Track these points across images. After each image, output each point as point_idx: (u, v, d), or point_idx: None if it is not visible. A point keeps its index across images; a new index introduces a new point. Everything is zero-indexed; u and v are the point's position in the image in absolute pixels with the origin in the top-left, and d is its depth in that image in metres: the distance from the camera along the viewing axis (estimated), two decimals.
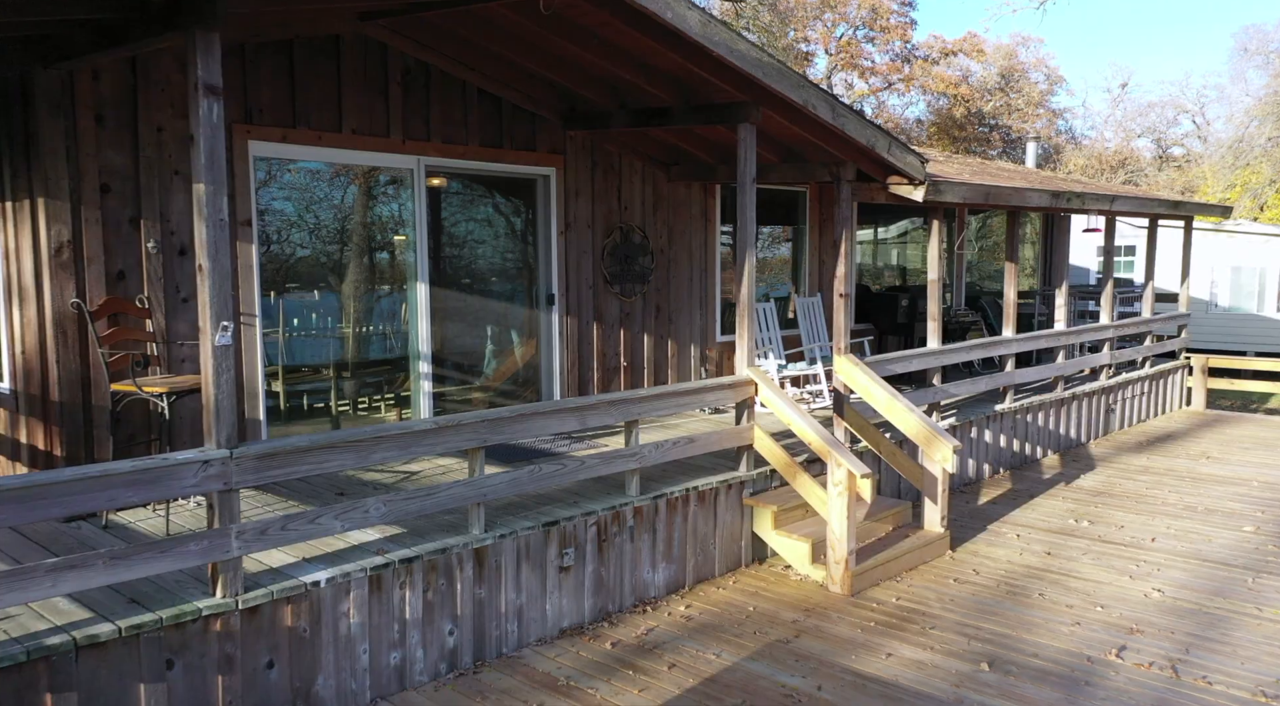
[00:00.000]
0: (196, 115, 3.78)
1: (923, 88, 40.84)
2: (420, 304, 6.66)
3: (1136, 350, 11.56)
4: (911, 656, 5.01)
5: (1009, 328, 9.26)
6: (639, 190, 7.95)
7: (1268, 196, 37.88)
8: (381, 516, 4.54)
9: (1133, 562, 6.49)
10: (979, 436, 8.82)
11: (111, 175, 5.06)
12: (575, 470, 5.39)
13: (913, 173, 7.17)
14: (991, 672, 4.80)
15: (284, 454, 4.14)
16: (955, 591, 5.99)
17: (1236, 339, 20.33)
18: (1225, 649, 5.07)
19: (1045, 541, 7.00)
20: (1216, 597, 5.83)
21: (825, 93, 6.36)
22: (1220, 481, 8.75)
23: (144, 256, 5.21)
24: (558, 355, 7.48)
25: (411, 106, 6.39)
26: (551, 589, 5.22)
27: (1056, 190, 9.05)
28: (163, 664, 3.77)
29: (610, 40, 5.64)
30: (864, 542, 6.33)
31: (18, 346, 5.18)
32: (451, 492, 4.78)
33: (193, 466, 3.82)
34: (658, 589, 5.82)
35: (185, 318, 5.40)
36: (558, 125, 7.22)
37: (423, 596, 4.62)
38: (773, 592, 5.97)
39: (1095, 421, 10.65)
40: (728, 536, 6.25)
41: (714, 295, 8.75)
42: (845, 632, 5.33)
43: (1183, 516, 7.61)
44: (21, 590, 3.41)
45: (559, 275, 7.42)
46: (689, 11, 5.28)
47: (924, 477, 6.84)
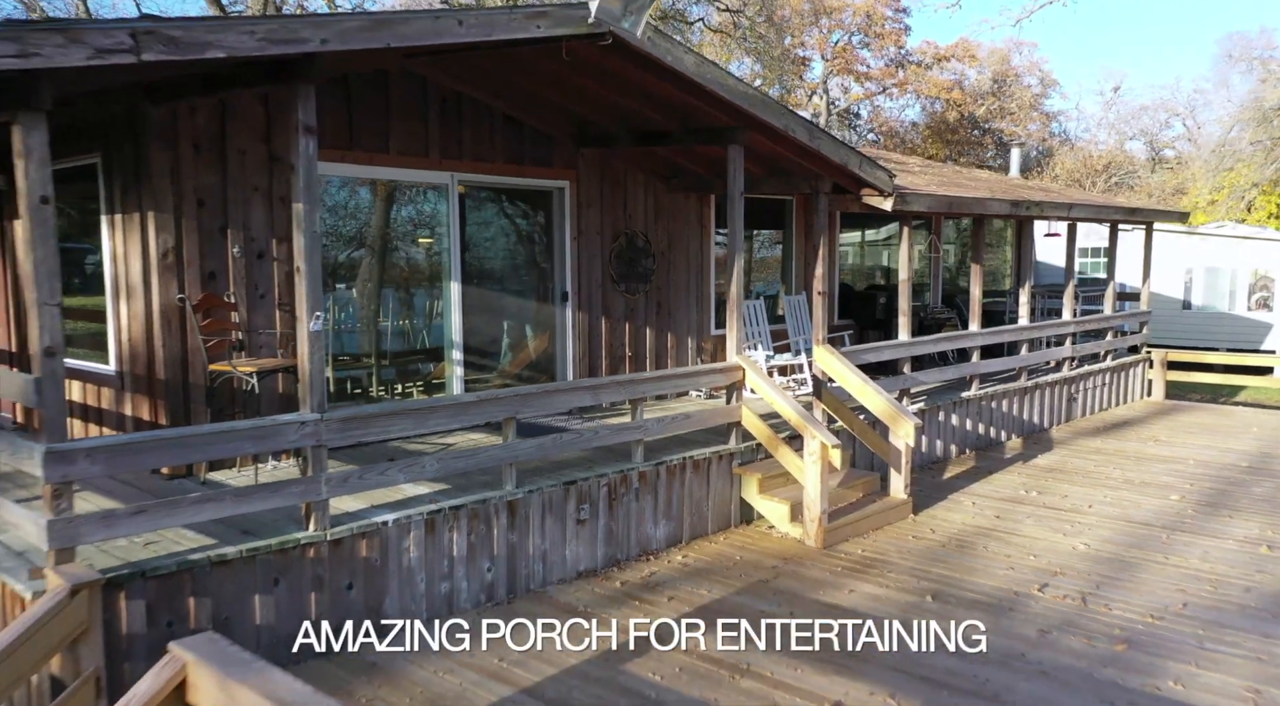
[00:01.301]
0: (297, 149, 4.80)
1: (916, 92, 41.87)
2: (453, 300, 7.69)
3: (1098, 344, 12.60)
4: (870, 592, 6.05)
5: (975, 322, 10.30)
6: (642, 200, 8.98)
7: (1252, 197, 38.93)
8: (435, 471, 5.58)
9: (1068, 524, 7.52)
10: (946, 420, 9.85)
11: (205, 192, 6.10)
12: (590, 439, 6.43)
13: (881, 186, 8.21)
14: (934, 603, 5.83)
15: (361, 418, 5.18)
16: (913, 545, 7.03)
17: (1210, 337, 21.32)
18: (1129, 586, 6.11)
19: (996, 507, 8.04)
20: (1133, 549, 6.87)
21: (803, 119, 7.40)
22: (1161, 460, 9.78)
23: (230, 259, 6.25)
24: (571, 345, 8.51)
25: (447, 130, 7.43)
26: (570, 538, 6.25)
27: (1016, 199, 10.10)
28: (271, 580, 4.80)
29: (619, 76, 6.67)
30: (836, 506, 7.36)
31: (124, 334, 6.20)
32: (490, 454, 5.82)
33: (294, 425, 4.86)
34: (659, 542, 6.85)
35: (263, 311, 6.43)
36: (571, 145, 8.25)
37: (466, 538, 5.66)
38: (757, 546, 7.00)
39: (1058, 408, 11.68)
40: (719, 500, 7.29)
41: (709, 293, 9.78)
42: (816, 575, 6.36)
43: (1121, 488, 8.64)
44: (173, 515, 4.45)
45: (572, 275, 8.45)
46: (686, 55, 6.32)
47: (890, 452, 7.88)
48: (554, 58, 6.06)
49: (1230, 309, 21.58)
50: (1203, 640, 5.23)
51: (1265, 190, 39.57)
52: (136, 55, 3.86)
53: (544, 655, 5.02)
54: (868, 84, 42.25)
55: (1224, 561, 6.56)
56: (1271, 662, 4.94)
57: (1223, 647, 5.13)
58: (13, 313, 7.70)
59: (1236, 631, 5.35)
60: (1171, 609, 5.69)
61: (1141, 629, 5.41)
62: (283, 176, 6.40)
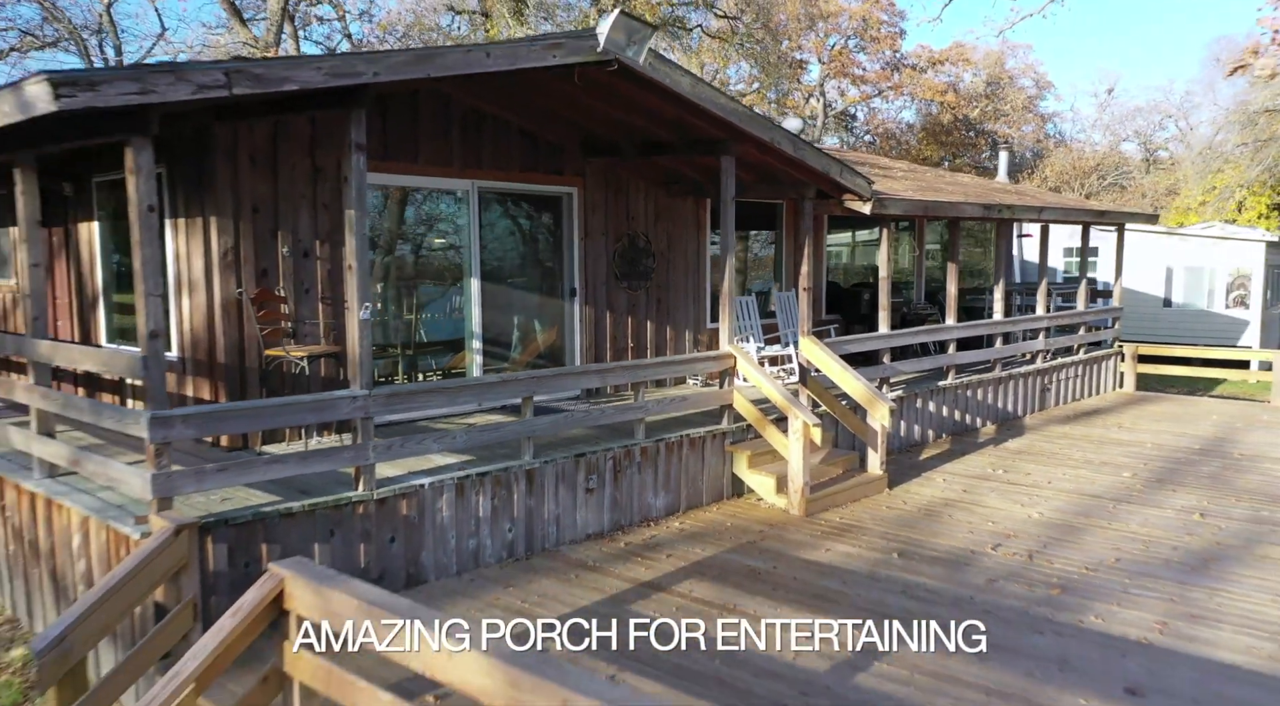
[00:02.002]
0: (350, 163, 5.64)
1: (911, 95, 42.69)
2: (473, 296, 8.52)
3: (1071, 338, 13.43)
4: (844, 550, 6.88)
5: (951, 317, 11.13)
6: (643, 204, 9.80)
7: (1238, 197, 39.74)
8: (464, 443, 6.42)
9: (1027, 496, 8.36)
10: (924, 407, 10.68)
11: (259, 200, 6.92)
12: (598, 417, 7.27)
13: (861, 191, 9.04)
14: (899, 559, 6.66)
15: (401, 394, 6.02)
16: (885, 514, 7.87)
17: (1190, 333, 22.12)
18: (1073, 546, 6.95)
19: (964, 483, 8.87)
20: (1080, 517, 7.70)
21: (787, 132, 8.22)
22: (1122, 444, 10.61)
23: (280, 258, 7.07)
24: (578, 337, 9.34)
25: (468, 142, 8.26)
26: (580, 504, 7.08)
27: (989, 202, 10.93)
28: (328, 532, 5.63)
29: (623, 95, 7.50)
30: (818, 480, 8.19)
31: (185, 325, 7.03)
32: (511, 428, 6.66)
33: (346, 400, 5.69)
34: (658, 510, 7.69)
35: (308, 304, 7.26)
36: (579, 155, 9.07)
37: (490, 502, 6.49)
38: (746, 515, 7.84)
39: (1032, 398, 12.52)
40: (712, 474, 8.12)
41: (705, 289, 10.60)
42: (798, 538, 7.20)
43: (1080, 467, 9.48)
44: (250, 473, 5.29)
45: (579, 273, 9.27)
46: (682, 78, 7.15)
47: (868, 432, 8.71)
48: (566, 80, 6.90)
49: (1209, 307, 22.39)
50: (1127, 587, 6.06)
51: (1255, 190, 40.41)
52: (229, 90, 4.69)
53: (560, 598, 5.85)
54: (864, 87, 43.08)
55: (1159, 526, 7.40)
56: (1182, 603, 5.77)
57: (1143, 592, 5.96)
58: (75, 306, 8.52)
59: (1158, 580, 6.19)
60: (1105, 563, 6.52)
61: (1076, 578, 6.24)
62: (325, 186, 7.23)
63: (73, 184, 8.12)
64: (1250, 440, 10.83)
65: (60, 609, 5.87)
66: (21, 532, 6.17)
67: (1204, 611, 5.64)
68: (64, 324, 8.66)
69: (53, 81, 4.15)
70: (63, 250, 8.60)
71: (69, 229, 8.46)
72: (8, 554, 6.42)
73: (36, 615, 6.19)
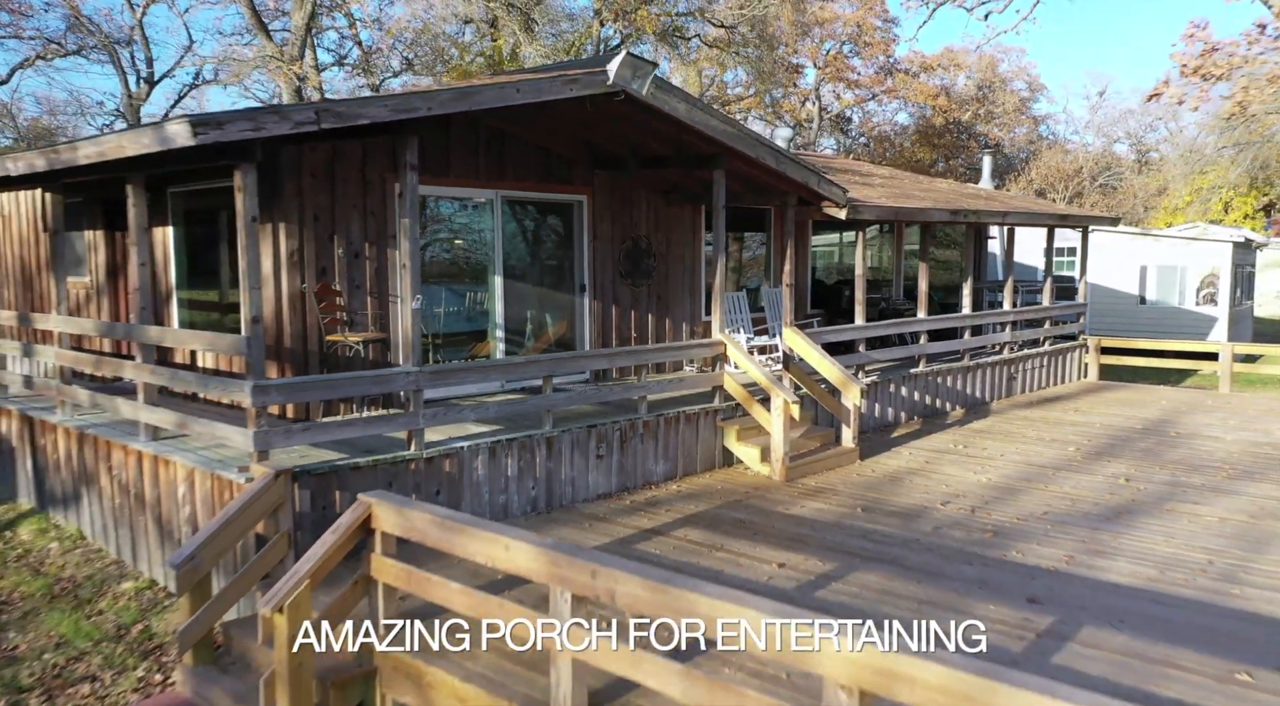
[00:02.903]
0: (404, 181, 6.85)
1: (904, 99, 43.91)
2: (496, 291, 9.74)
3: (1036, 331, 14.65)
4: (817, 507, 8.10)
5: (922, 310, 12.35)
6: (645, 211, 11.02)
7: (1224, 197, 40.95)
8: (495, 413, 7.64)
9: (979, 466, 9.58)
10: (897, 392, 11.91)
11: (319, 209, 8.14)
12: (606, 394, 8.49)
13: (836, 199, 10.26)
14: (863, 513, 7.89)
15: (445, 372, 7.24)
16: (855, 480, 9.09)
17: (1162, 328, 23.33)
18: (1012, 502, 8.17)
19: (928, 456, 10.09)
20: (1023, 481, 8.93)
21: (770, 148, 9.44)
22: (1074, 425, 11.84)
23: (336, 259, 8.29)
24: (588, 327, 10.55)
25: (492, 158, 9.47)
26: (592, 468, 8.30)
27: (955, 207, 12.15)
28: (387, 483, 6.85)
29: (628, 118, 8.71)
30: (797, 451, 9.41)
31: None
32: (534, 402, 7.88)
33: (401, 375, 6.91)
34: (659, 476, 8.91)
35: (358, 298, 8.47)
36: (588, 167, 10.29)
37: (517, 464, 7.71)
38: (735, 480, 9.07)
39: (999, 385, 13.74)
40: (705, 446, 9.34)
41: (700, 286, 11.82)
42: (778, 497, 8.42)
43: (1032, 444, 10.70)
44: (327, 432, 6.51)
45: (589, 271, 10.49)
46: (679, 103, 8.37)
47: (843, 411, 9.93)
48: (579, 106, 8.11)
49: (1181, 304, 23.59)
50: (1048, 531, 7.29)
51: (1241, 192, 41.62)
52: (318, 125, 5.91)
53: (577, 541, 7.07)
54: (858, 91, 44.32)
55: (1088, 488, 8.63)
56: (1090, 543, 6.99)
57: (1060, 535, 7.19)
58: (150, 299, 9.72)
59: (1075, 527, 7.41)
60: (1034, 515, 7.75)
61: (1007, 526, 7.47)
62: (372, 197, 8.45)
63: (150, 194, 9.32)
64: (1189, 422, 12.06)
65: (165, 550, 7.10)
66: (128, 487, 7.40)
67: (1106, 548, 6.87)
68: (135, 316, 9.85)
69: (191, 122, 5.37)
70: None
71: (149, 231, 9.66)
72: (114, 506, 7.64)
73: (140, 557, 7.42)
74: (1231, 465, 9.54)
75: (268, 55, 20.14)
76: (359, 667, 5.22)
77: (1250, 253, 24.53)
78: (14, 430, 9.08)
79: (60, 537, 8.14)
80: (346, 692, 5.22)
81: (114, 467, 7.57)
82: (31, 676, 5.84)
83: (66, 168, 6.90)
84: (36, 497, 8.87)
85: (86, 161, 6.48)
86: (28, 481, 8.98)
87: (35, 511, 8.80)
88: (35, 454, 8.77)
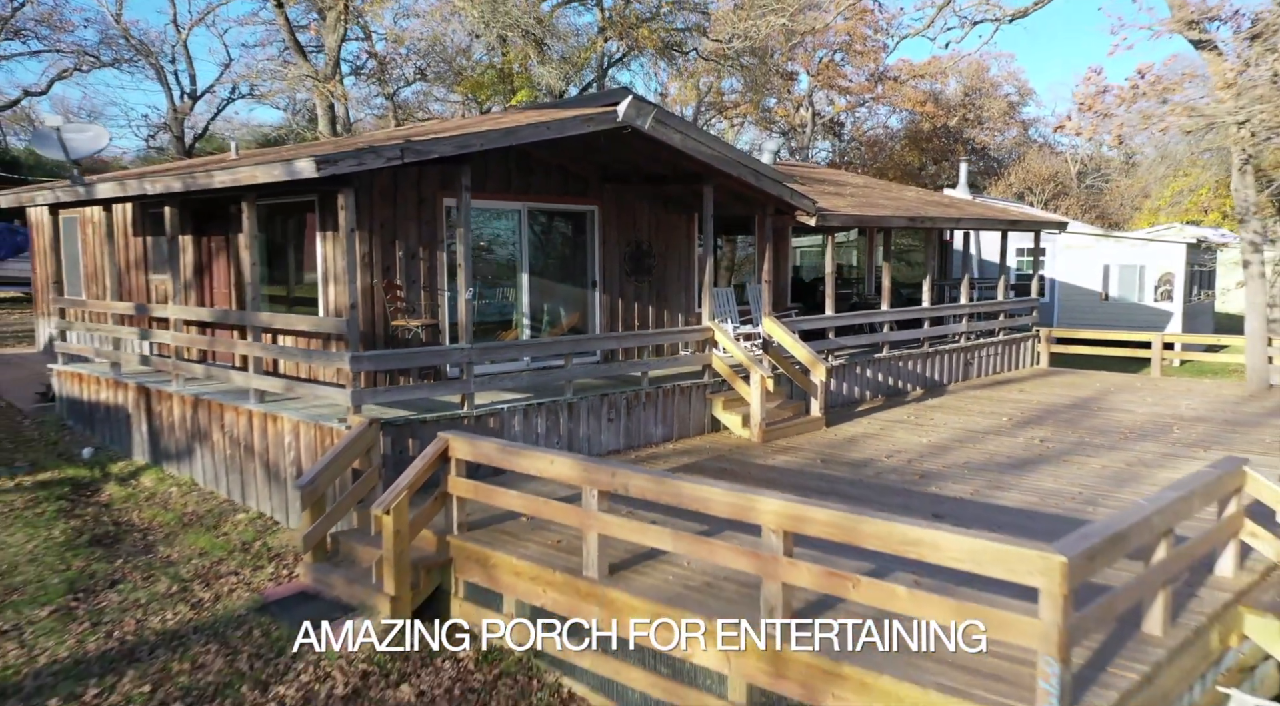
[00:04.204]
0: (461, 198, 8.81)
1: (893, 105, 45.87)
2: (523, 286, 11.69)
3: (991, 323, 16.62)
4: (785, 459, 10.07)
5: (885, 303, 14.31)
6: (646, 218, 12.97)
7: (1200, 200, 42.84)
8: (526, 382, 9.61)
9: (925, 432, 11.55)
10: (863, 373, 13.87)
11: (384, 220, 10.10)
12: (615, 368, 10.46)
13: (807, 209, 12.22)
14: (822, 464, 9.85)
15: (489, 348, 9.22)
16: (819, 441, 11.06)
17: (1123, 322, 25.25)
18: (942, 456, 10.14)
19: (883, 424, 12.06)
20: (956, 442, 10.89)
21: (751, 167, 11.39)
22: (1015, 402, 13.81)
23: (397, 260, 10.25)
24: (598, 317, 12.51)
25: (520, 176, 11.43)
26: (604, 429, 10.26)
27: (913, 215, 14.11)
28: None
29: (632, 144, 10.66)
30: (772, 419, 11.38)
31: (331, 306, 10.19)
32: (558, 373, 9.85)
33: (458, 350, 8.87)
34: (658, 438, 10.87)
35: (414, 291, 10.42)
36: (598, 182, 12.24)
37: (545, 422, 9.67)
38: (720, 441, 11.03)
39: (956, 369, 15.71)
40: (696, 414, 11.31)
41: (693, 283, 13.77)
42: (755, 454, 10.38)
43: (974, 416, 12.67)
44: (403, 393, 8.48)
45: (599, 270, 12.44)
46: (675, 134, 10.32)
47: (811, 386, 11.90)
48: (593, 135, 10.07)
49: (1140, 300, 25.54)
50: (965, 475, 9.25)
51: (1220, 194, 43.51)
52: (401, 160, 7.86)
53: None
54: (849, 97, 46.27)
55: (1008, 447, 10.60)
56: (994, 482, 8.95)
57: (973, 477, 9.15)
58: (235, 291, 11.68)
59: (986, 472, 9.38)
60: (957, 465, 9.72)
61: (934, 471, 9.43)
62: (425, 209, 10.40)
63: (236, 207, 11.27)
64: (1114, 399, 14.03)
65: (272, 488, 9.07)
66: (239, 441, 9.37)
67: (1005, 485, 8.84)
68: (221, 304, 11.82)
69: (316, 159, 7.32)
70: (221, 252, 11.78)
71: (228, 237, 11.63)
72: (225, 457, 9.62)
73: (249, 496, 9.38)
74: (1132, 430, 11.51)
75: (305, 75, 22.14)
76: (440, 557, 7.19)
77: (1201, 253, 26.45)
78: (130, 400, 11.05)
79: (176, 484, 10.10)
80: (431, 575, 7.19)
81: (226, 425, 9.54)
82: (189, 573, 7.81)
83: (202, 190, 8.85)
84: (151, 454, 10.84)
85: (220, 186, 8.45)
86: (142, 441, 10.95)
87: (150, 465, 10.77)
88: (151, 419, 10.74)
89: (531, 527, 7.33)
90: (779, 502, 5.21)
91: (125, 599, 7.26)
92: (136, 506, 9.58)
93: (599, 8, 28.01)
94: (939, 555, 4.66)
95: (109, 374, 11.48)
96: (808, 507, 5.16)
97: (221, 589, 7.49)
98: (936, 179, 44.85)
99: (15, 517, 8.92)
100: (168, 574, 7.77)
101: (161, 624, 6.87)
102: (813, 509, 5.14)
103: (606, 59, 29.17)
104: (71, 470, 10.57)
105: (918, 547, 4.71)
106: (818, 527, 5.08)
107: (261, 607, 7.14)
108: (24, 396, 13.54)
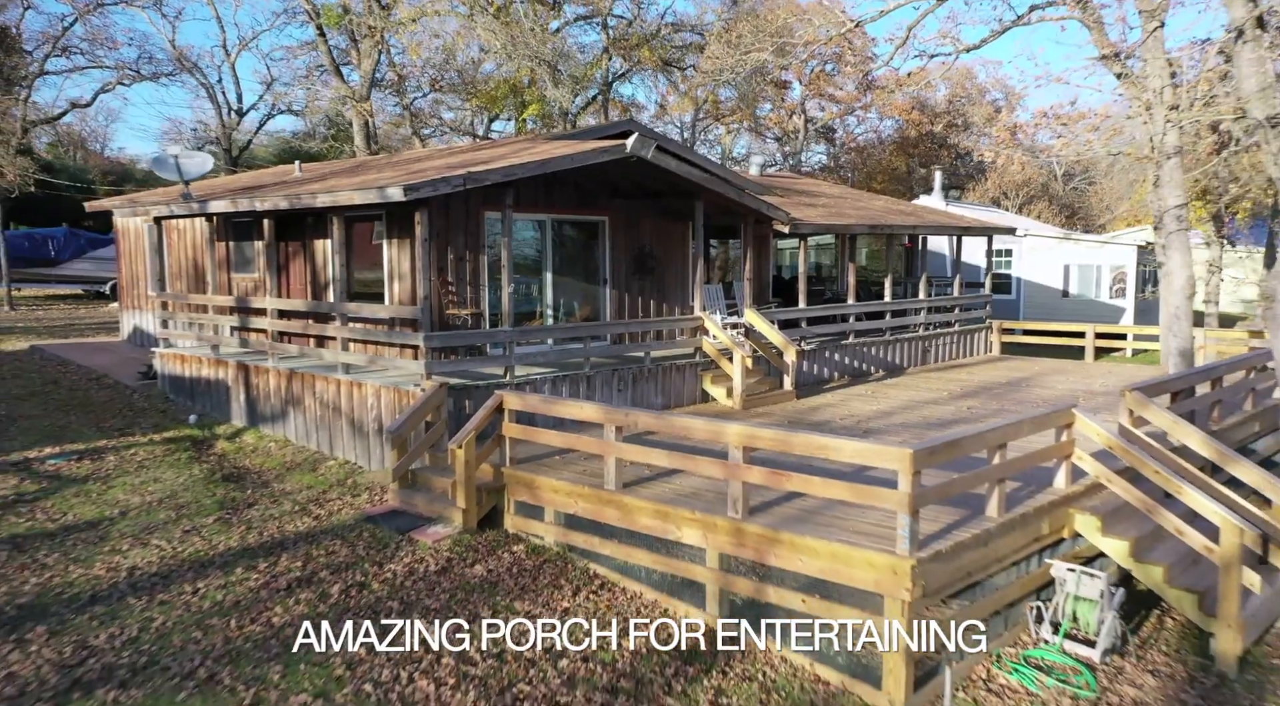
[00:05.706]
0: (505, 214, 11.35)
1: (880, 113, 48.40)
2: (548, 283, 14.22)
3: (948, 315, 19.14)
4: (761, 421, 12.59)
5: (851, 298, 16.83)
6: (649, 227, 15.49)
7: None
8: (553, 357, 12.15)
9: (876, 402, 14.08)
10: (831, 356, 16.40)
11: (439, 230, 12.61)
12: (623, 349, 13.01)
13: (781, 218, 14.75)
14: (789, 425, 12.38)
15: (526, 330, 11.76)
16: (789, 409, 13.59)
17: (1082, 317, 27.75)
18: (887, 419, 12.66)
19: (843, 397, 14.60)
20: (900, 410, 13.42)
21: (734, 184, 13.91)
22: (960, 381, 16.33)
23: (449, 262, 12.77)
24: (608, 308, 15.03)
25: (545, 192, 13.95)
26: (614, 398, 12.78)
27: (874, 222, 16.64)
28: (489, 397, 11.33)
29: (637, 168, 13.18)
30: (751, 392, 13.91)
31: (395, 298, 12.70)
32: (577, 352, 12.39)
33: (502, 332, 11.40)
34: (658, 406, 13.39)
35: (461, 287, 12.94)
36: (609, 197, 14.76)
37: (568, 391, 12.19)
38: (708, 409, 13.56)
39: (915, 355, 18.24)
40: (689, 387, 13.84)
41: (688, 281, 16.26)
42: (737, 417, 12.91)
43: (921, 391, 15.19)
44: (462, 364, 11.03)
45: (609, 270, 14.96)
46: (672, 161, 12.86)
47: (784, 365, 14.44)
48: (604, 163, 12.59)
49: (1097, 297, 28.06)
50: (898, 430, 11.78)
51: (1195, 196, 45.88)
52: (465, 186, 10.39)
53: None
54: (839, 106, 48.80)
55: (939, 412, 13.13)
56: (918, 435, 11.46)
57: (903, 431, 11.68)
58: (309, 290, 14.20)
59: (914, 428, 11.91)
60: (894, 425, 12.25)
61: (876, 428, 11.96)
62: (470, 221, 12.92)
63: (314, 216, 13.81)
64: (1045, 380, 16.56)
65: (355, 441, 11.60)
66: (328, 404, 11.90)
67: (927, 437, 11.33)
68: (298, 300, 14.34)
69: (404, 187, 9.84)
70: (298, 254, 14.31)
71: (305, 242, 14.17)
72: (315, 418, 12.15)
73: (337, 448, 11.92)
74: (1045, 401, 14.04)
75: (344, 96, 24.68)
76: (496, 484, 9.72)
77: (1150, 254, 28.91)
78: (230, 375, 13.59)
79: (274, 441, 12.64)
80: (490, 496, 9.72)
81: (317, 392, 12.08)
82: (303, 499, 10.34)
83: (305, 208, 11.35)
84: (248, 418, 13.38)
85: (321, 205, 10.97)
86: (240, 408, 13.49)
87: (248, 427, 13.30)
88: (249, 389, 13.27)
89: (564, 464, 9.86)
90: (739, 426, 7.76)
91: (264, 513, 9.80)
92: (245, 456, 12.12)
93: (604, 29, 30.53)
94: (841, 455, 7.21)
95: (210, 354, 14.02)
96: (758, 429, 7.70)
97: (332, 508, 10.03)
98: (925, 183, 47.36)
99: (160, 461, 11.47)
100: (288, 499, 10.31)
101: (295, 529, 9.41)
102: (761, 430, 7.68)
103: (610, 75, 31.68)
104: (186, 430, 13.11)
105: (826, 451, 7.27)
106: (765, 442, 7.62)
107: (366, 519, 9.67)
108: (126, 376, 16.07)
